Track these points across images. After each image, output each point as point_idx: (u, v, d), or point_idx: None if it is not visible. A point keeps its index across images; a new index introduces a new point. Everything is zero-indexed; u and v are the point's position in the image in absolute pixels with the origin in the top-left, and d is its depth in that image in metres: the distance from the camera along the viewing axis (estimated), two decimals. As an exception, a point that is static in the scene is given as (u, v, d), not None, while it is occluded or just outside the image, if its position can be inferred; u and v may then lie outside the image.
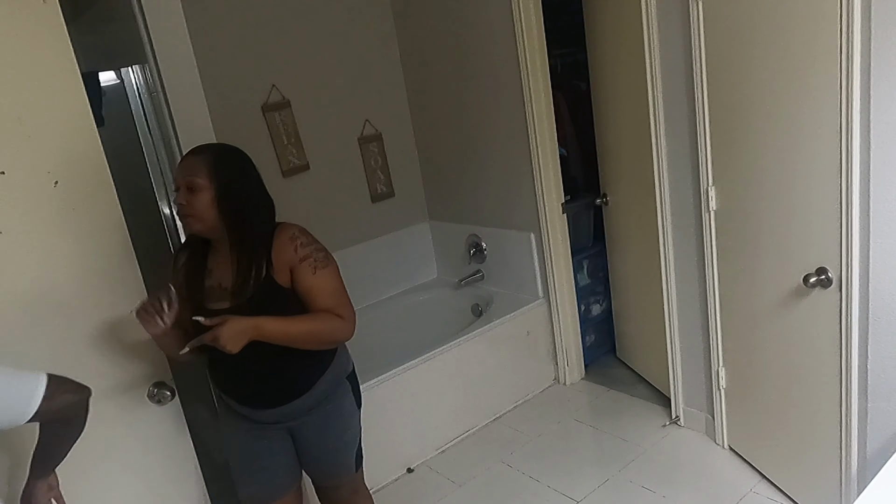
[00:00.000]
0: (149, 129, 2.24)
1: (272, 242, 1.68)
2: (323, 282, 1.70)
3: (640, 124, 2.67)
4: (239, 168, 1.72)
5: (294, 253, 1.67)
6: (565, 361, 3.41)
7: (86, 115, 1.63)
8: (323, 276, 1.70)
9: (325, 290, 1.71)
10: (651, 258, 2.82)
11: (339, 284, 1.75)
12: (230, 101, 3.01)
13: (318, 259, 1.69)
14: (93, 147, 1.65)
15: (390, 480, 2.87)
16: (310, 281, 1.69)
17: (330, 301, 1.71)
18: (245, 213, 1.67)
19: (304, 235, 1.71)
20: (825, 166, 1.90)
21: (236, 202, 1.66)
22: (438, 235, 3.87)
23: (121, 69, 2.28)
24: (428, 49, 3.46)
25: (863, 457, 2.06)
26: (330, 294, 1.71)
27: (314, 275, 1.68)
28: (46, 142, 1.57)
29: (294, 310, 1.70)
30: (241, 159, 1.74)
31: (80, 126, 1.62)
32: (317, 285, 1.69)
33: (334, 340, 1.78)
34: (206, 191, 1.62)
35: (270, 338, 1.63)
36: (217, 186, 1.63)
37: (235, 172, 1.69)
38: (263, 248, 1.67)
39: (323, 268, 1.70)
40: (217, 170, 1.65)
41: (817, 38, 1.83)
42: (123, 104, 2.31)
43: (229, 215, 1.65)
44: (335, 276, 1.73)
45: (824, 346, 2.06)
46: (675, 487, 2.55)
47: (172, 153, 2.13)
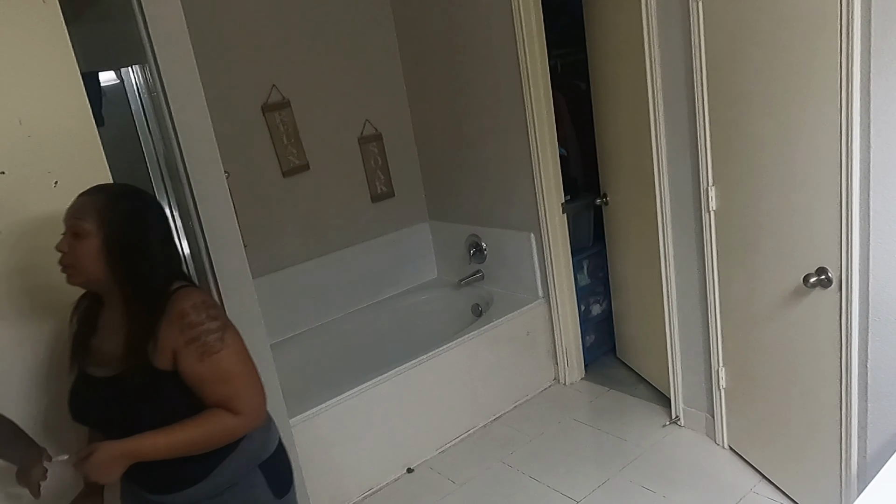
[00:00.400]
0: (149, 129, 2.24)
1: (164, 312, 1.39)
2: (212, 370, 1.39)
3: (640, 124, 2.67)
4: (136, 214, 1.43)
5: (179, 334, 1.37)
6: (565, 361, 3.41)
7: (86, 115, 1.63)
8: (212, 364, 1.38)
9: (215, 379, 1.40)
10: (651, 258, 2.82)
11: (238, 368, 1.43)
12: (230, 101, 3.02)
13: (208, 342, 1.38)
14: (93, 147, 1.65)
15: (390, 480, 2.87)
16: (195, 370, 1.38)
17: (221, 393, 1.41)
18: (139, 269, 1.40)
19: (196, 311, 1.39)
20: (825, 166, 1.90)
21: (128, 255, 1.39)
22: (438, 235, 3.87)
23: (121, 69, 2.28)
24: (428, 49, 3.46)
25: (863, 457, 2.06)
26: (221, 384, 1.41)
27: (200, 363, 1.38)
28: (46, 142, 1.57)
29: (180, 400, 1.41)
30: (142, 203, 1.46)
31: (80, 126, 1.62)
32: (204, 375, 1.39)
33: (230, 441, 1.47)
34: (92, 238, 1.37)
35: (151, 458, 1.39)
36: (106, 234, 1.37)
37: (131, 218, 1.41)
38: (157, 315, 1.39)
39: (213, 353, 1.38)
40: (108, 214, 1.39)
41: (817, 37, 1.83)
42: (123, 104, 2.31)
43: (118, 270, 1.39)
44: (231, 360, 1.41)
45: (824, 346, 2.06)
46: (675, 487, 2.55)
47: (172, 153, 2.13)
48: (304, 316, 3.41)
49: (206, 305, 1.41)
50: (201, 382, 1.40)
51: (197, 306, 1.39)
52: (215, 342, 1.39)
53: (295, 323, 3.38)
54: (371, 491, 2.82)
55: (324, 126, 3.37)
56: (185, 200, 2.16)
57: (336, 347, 3.36)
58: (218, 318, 1.42)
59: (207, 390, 1.41)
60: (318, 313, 3.46)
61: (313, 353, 3.29)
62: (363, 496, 2.80)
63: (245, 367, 1.45)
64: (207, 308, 1.41)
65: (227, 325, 1.43)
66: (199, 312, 1.39)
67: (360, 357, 3.33)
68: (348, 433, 2.72)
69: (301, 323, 3.40)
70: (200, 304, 1.40)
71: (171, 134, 2.09)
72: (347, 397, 2.69)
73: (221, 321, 1.42)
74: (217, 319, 1.41)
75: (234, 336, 1.44)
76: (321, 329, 3.43)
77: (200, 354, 1.37)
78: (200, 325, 1.38)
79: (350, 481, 2.77)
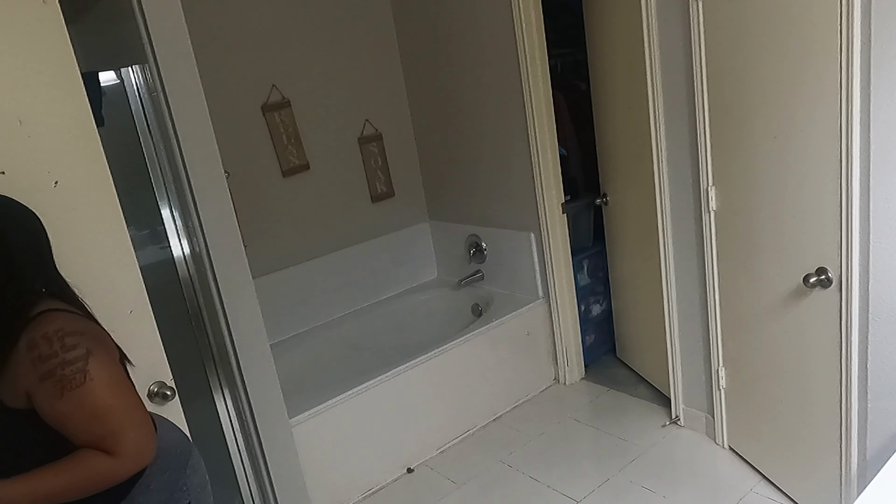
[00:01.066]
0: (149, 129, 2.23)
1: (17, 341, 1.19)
2: (75, 408, 1.18)
3: (640, 124, 2.67)
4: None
5: (31, 368, 1.16)
6: (565, 361, 3.41)
7: (86, 115, 1.63)
8: (75, 400, 1.18)
9: (81, 418, 1.19)
10: (651, 258, 2.82)
11: (110, 402, 1.21)
12: (230, 101, 3.02)
13: (66, 377, 1.17)
14: (93, 147, 1.65)
15: (390, 480, 2.87)
16: (55, 409, 1.18)
17: (91, 432, 1.20)
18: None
19: (47, 342, 1.18)
20: (825, 166, 1.90)
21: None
22: (438, 235, 3.87)
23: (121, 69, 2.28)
24: (428, 49, 3.46)
25: (863, 457, 2.06)
26: (90, 423, 1.20)
27: (61, 399, 1.17)
28: (46, 142, 1.57)
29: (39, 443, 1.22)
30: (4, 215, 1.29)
31: (80, 126, 1.62)
32: (66, 414, 1.18)
33: (106, 486, 1.24)
34: None
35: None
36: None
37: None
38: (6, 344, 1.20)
39: (75, 388, 1.17)
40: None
41: (818, 37, 1.83)
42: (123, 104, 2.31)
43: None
44: (100, 394, 1.20)
45: (824, 346, 2.06)
46: (675, 487, 2.55)
47: (172, 153, 2.13)
48: (304, 316, 3.41)
49: (62, 333, 1.19)
50: (64, 423, 1.20)
51: (48, 336, 1.18)
52: (75, 375, 1.18)
53: (295, 323, 3.38)
54: (371, 491, 2.82)
55: (324, 126, 3.37)
56: (185, 200, 2.16)
57: (336, 347, 3.36)
58: (77, 346, 1.20)
59: (74, 430, 1.20)
60: (318, 313, 3.46)
61: (313, 353, 3.29)
62: (363, 496, 2.80)
63: (119, 400, 1.23)
64: (63, 336, 1.19)
65: (90, 352, 1.21)
66: (50, 343, 1.18)
67: (360, 357, 3.33)
68: (348, 433, 2.72)
69: (301, 323, 3.40)
70: (53, 333, 1.19)
71: (171, 134, 2.09)
72: (347, 397, 2.69)
73: (83, 349, 1.20)
74: (76, 348, 1.19)
75: (102, 364, 1.22)
76: (321, 329, 3.43)
77: (60, 390, 1.17)
78: (53, 358, 1.17)
79: (350, 481, 2.77)
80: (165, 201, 2.27)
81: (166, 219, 2.28)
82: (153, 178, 2.28)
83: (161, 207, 2.29)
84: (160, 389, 1.76)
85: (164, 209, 2.28)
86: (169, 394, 1.77)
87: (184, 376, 1.92)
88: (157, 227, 2.31)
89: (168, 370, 1.81)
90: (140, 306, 1.71)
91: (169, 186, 2.24)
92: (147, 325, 1.73)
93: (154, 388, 1.76)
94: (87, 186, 1.64)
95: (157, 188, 2.29)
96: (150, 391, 1.76)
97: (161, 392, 1.76)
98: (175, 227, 2.27)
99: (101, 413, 1.21)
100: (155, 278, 1.90)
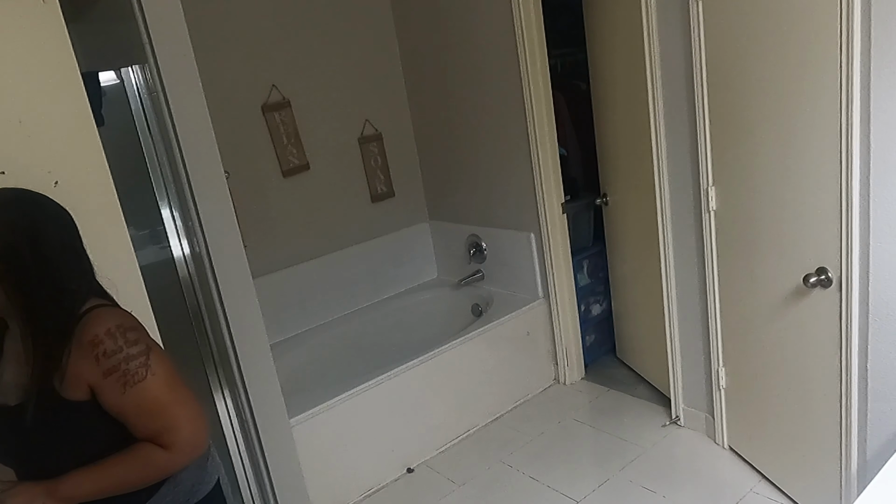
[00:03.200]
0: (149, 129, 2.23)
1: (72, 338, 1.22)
2: (137, 402, 1.24)
3: (640, 124, 2.68)
4: (29, 224, 1.23)
5: (95, 364, 1.21)
6: (565, 361, 3.41)
7: (86, 115, 1.63)
8: (137, 395, 1.23)
9: (141, 412, 1.25)
10: (651, 258, 2.82)
11: (168, 396, 1.27)
12: (230, 101, 3.02)
13: (130, 371, 1.22)
14: (93, 147, 1.65)
15: (390, 480, 2.87)
16: (118, 403, 1.24)
17: (150, 426, 1.26)
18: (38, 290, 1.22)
19: (111, 338, 1.22)
20: (825, 166, 1.90)
21: (22, 274, 1.20)
22: (438, 235, 3.87)
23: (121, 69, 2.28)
24: (428, 49, 3.46)
25: (863, 457, 2.06)
26: (149, 417, 1.26)
27: (123, 395, 1.23)
28: (46, 142, 1.57)
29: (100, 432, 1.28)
30: (36, 211, 1.27)
31: (80, 126, 1.62)
32: (128, 408, 1.24)
33: (161, 477, 1.33)
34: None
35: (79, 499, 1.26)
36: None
37: (23, 231, 1.22)
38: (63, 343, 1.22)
39: (137, 382, 1.23)
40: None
41: (817, 37, 1.83)
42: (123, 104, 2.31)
43: (13, 293, 1.21)
44: (159, 388, 1.26)
45: (824, 346, 2.06)
46: (675, 487, 2.55)
47: (172, 153, 2.13)
48: (304, 316, 3.41)
49: (124, 329, 1.24)
50: (126, 416, 1.25)
51: (112, 332, 1.23)
52: (138, 370, 1.23)
53: (295, 323, 3.38)
54: (371, 491, 2.82)
55: (324, 126, 3.37)
56: (185, 200, 2.16)
57: (336, 347, 3.36)
58: (138, 341, 1.25)
59: (134, 424, 1.26)
60: (318, 313, 3.46)
61: (313, 353, 3.29)
62: (363, 496, 2.80)
63: (176, 394, 1.29)
64: (125, 332, 1.24)
65: (150, 347, 1.27)
66: (114, 339, 1.22)
67: (360, 357, 3.33)
68: (348, 433, 2.72)
69: (301, 323, 3.40)
70: (116, 329, 1.23)
71: (171, 134, 2.09)
72: (347, 397, 2.69)
73: (143, 344, 1.26)
74: (137, 343, 1.25)
75: (161, 359, 1.28)
76: (321, 329, 3.43)
77: (122, 385, 1.22)
78: (118, 353, 1.22)
79: (350, 481, 2.77)
80: (165, 201, 2.27)
81: (166, 219, 2.28)
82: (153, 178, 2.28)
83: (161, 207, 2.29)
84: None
85: (164, 209, 2.28)
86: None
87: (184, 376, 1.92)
88: (157, 227, 2.31)
89: (168, 370, 1.80)
90: (140, 306, 1.71)
91: (169, 186, 2.25)
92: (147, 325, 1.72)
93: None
94: (87, 186, 1.64)
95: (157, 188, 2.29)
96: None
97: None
98: (175, 227, 2.27)
99: (159, 408, 1.26)
100: (155, 278, 1.90)
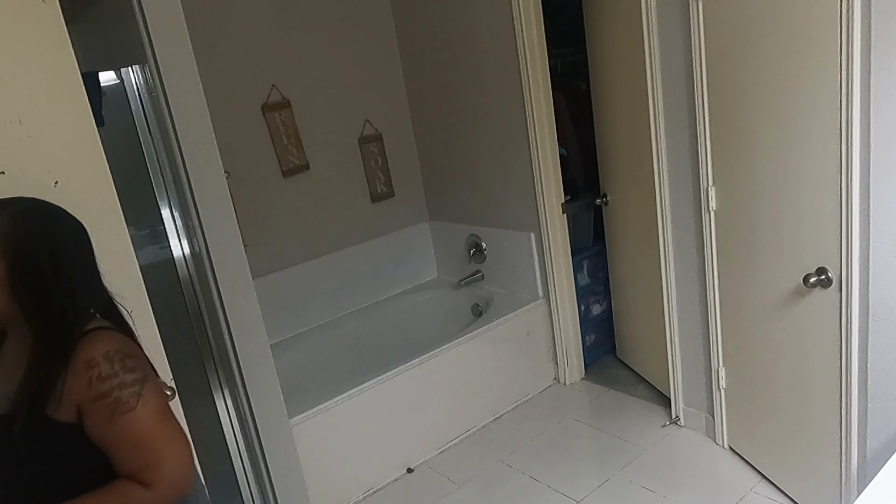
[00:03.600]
0: (149, 129, 2.23)
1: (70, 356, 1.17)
2: (121, 433, 1.17)
3: (640, 124, 2.68)
4: (47, 235, 1.21)
5: (87, 387, 1.15)
6: (565, 361, 3.41)
7: (86, 115, 1.63)
8: (123, 426, 1.16)
9: (125, 444, 1.18)
10: (651, 258, 2.82)
11: (155, 431, 1.20)
12: (230, 101, 3.02)
13: (122, 399, 1.16)
14: (93, 147, 1.65)
15: (390, 480, 2.87)
16: (103, 430, 1.17)
17: (132, 460, 1.19)
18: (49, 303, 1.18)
19: (108, 361, 1.17)
20: (825, 166, 1.90)
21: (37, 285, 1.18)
22: (438, 235, 3.87)
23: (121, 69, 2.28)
24: (428, 49, 3.46)
25: (863, 457, 2.06)
26: (133, 450, 1.18)
27: (109, 423, 1.16)
28: (46, 142, 1.57)
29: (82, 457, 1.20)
30: (54, 222, 1.24)
31: (80, 126, 1.62)
32: (112, 438, 1.17)
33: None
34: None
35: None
36: (9, 261, 1.16)
37: (45, 241, 1.20)
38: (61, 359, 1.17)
39: (126, 412, 1.16)
40: (12, 236, 1.17)
41: (817, 37, 1.83)
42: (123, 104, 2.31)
43: (26, 303, 1.17)
44: (147, 421, 1.18)
45: (824, 346, 2.06)
46: (675, 487, 2.55)
47: (172, 153, 2.13)
48: (304, 316, 3.41)
49: (122, 355, 1.19)
50: (109, 446, 1.18)
51: (110, 356, 1.17)
52: (129, 399, 1.16)
53: (295, 323, 3.38)
54: (371, 491, 2.82)
55: (324, 126, 3.37)
56: (185, 200, 2.16)
57: (336, 347, 3.36)
58: (135, 369, 1.20)
59: (116, 455, 1.19)
60: (318, 313, 3.46)
61: (313, 353, 3.29)
62: (363, 496, 2.80)
63: (163, 428, 1.21)
64: (123, 358, 1.19)
65: (146, 377, 1.21)
66: (111, 363, 1.17)
67: (360, 357, 3.33)
68: (348, 433, 2.72)
69: (301, 323, 3.40)
70: (114, 354, 1.18)
71: (171, 134, 2.09)
72: (347, 397, 2.69)
73: (140, 373, 1.20)
74: (134, 371, 1.19)
75: (154, 391, 1.21)
76: (321, 329, 3.43)
77: (110, 414, 1.15)
78: (113, 378, 1.16)
79: (350, 481, 2.77)
80: (165, 201, 2.27)
81: (166, 219, 2.28)
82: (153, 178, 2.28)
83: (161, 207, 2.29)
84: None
85: (164, 209, 2.28)
86: (169, 394, 1.77)
87: (184, 376, 1.93)
88: (157, 227, 2.31)
89: (168, 370, 1.81)
90: (140, 306, 1.71)
91: (169, 186, 2.24)
92: (147, 325, 1.73)
93: (154, 388, 1.76)
94: (87, 186, 1.64)
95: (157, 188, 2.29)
96: (150, 391, 1.76)
97: (161, 392, 1.76)
98: (175, 227, 2.27)
99: (144, 442, 1.19)
100: (155, 278, 1.90)
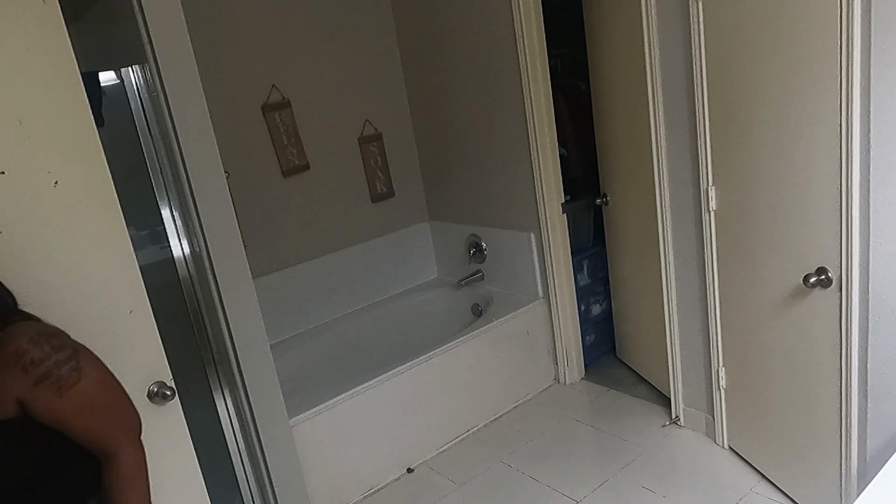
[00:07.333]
0: (149, 129, 2.23)
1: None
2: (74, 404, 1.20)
3: (640, 124, 2.68)
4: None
5: (23, 375, 1.15)
6: (565, 361, 3.41)
7: (86, 115, 1.63)
8: (74, 397, 1.19)
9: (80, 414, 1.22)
10: (651, 258, 2.82)
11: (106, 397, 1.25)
12: (230, 101, 3.02)
13: (63, 376, 1.18)
14: (93, 147, 1.65)
15: (390, 480, 2.87)
16: (55, 408, 1.19)
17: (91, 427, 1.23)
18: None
19: (36, 346, 1.17)
20: (825, 166, 1.90)
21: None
22: (438, 235, 3.87)
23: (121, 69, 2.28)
24: (428, 49, 3.46)
25: (863, 457, 2.06)
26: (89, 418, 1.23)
27: (60, 399, 1.18)
28: (46, 142, 1.57)
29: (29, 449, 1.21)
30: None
31: (80, 126, 1.62)
32: (66, 412, 1.20)
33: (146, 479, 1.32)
34: None
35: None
36: None
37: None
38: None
39: (72, 386, 1.19)
40: None
41: (818, 37, 1.83)
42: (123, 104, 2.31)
43: None
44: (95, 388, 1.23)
45: (824, 346, 2.06)
46: (675, 487, 2.55)
47: (172, 153, 2.13)
48: (304, 316, 3.41)
49: (47, 335, 1.20)
50: (65, 421, 1.20)
51: (35, 339, 1.18)
52: (70, 374, 1.19)
53: (295, 323, 3.38)
54: (371, 491, 2.82)
55: (324, 126, 3.37)
56: (185, 200, 2.16)
57: (336, 347, 3.36)
58: (63, 346, 1.21)
59: (74, 427, 1.22)
60: (318, 313, 3.46)
61: (313, 353, 3.29)
62: (363, 496, 2.80)
63: (112, 392, 1.27)
64: (49, 338, 1.20)
65: (77, 350, 1.23)
66: (39, 346, 1.18)
67: (360, 357, 3.33)
68: (348, 433, 2.72)
69: (301, 323, 3.40)
70: (38, 336, 1.19)
71: (171, 134, 2.09)
72: (347, 397, 2.69)
73: (70, 348, 1.22)
74: (63, 348, 1.21)
75: (90, 359, 1.25)
76: (321, 329, 3.43)
77: (57, 390, 1.17)
78: (47, 360, 1.17)
79: (350, 481, 2.77)
80: (165, 201, 2.27)
81: (166, 219, 2.28)
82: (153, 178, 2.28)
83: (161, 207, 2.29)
84: (160, 389, 1.76)
85: (164, 209, 2.28)
86: (169, 394, 1.77)
87: (184, 376, 1.93)
88: (157, 227, 2.31)
89: (168, 370, 1.81)
90: (140, 306, 1.71)
91: (169, 186, 2.24)
92: (147, 325, 1.73)
93: (154, 389, 1.76)
94: (87, 186, 1.64)
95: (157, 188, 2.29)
96: (149, 391, 1.76)
97: (161, 392, 1.76)
98: (175, 227, 2.27)
99: (98, 407, 1.24)
100: (155, 278, 1.90)
